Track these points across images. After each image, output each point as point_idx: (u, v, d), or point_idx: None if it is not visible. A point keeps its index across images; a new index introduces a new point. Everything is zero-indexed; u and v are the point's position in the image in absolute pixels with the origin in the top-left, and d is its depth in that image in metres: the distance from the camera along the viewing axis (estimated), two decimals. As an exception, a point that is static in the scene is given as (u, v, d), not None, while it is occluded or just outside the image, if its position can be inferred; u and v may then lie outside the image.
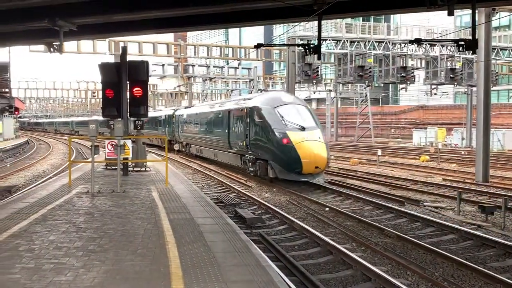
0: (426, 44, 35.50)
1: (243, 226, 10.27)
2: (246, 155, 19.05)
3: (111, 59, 31.95)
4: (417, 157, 29.72)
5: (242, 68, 42.02)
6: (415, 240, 9.36)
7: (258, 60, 39.08)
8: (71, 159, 13.11)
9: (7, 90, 44.77)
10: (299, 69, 30.64)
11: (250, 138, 18.19)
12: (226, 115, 21.70)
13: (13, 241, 6.33)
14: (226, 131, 21.37)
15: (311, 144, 16.31)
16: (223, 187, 17.21)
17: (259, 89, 42.19)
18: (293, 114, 17.25)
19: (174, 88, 64.03)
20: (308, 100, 67.52)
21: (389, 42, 35.68)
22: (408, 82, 36.04)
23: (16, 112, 48.37)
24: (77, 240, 6.38)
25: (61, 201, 9.76)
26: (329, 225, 11.05)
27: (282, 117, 17.03)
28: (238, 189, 16.18)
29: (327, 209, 12.93)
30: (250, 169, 18.90)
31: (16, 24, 12.87)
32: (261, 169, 17.71)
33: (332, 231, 10.47)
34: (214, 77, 44.05)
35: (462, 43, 10.88)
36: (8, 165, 25.64)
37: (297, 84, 33.98)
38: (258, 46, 14.24)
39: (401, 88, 42.16)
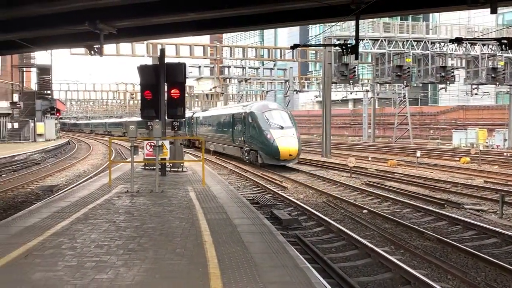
0: (466, 43, 34.57)
1: (279, 227, 10.25)
2: (244, 148, 25.49)
3: (149, 61, 32.57)
4: (457, 159, 28.97)
5: (278, 69, 41.99)
6: (455, 243, 9.12)
7: (294, 61, 38.95)
8: (112, 160, 13.39)
9: (49, 92, 46.19)
10: (335, 69, 30.39)
11: (246, 135, 24.46)
12: (230, 117, 28.00)
13: (56, 239, 6.53)
14: (231, 129, 27.67)
15: (287, 139, 22.78)
16: (259, 188, 17.25)
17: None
18: (276, 117, 23.67)
19: (210, 90, 64.69)
20: (345, 101, 67.00)
21: (428, 41, 34.93)
22: (448, 82, 35.19)
23: (57, 114, 49.81)
24: (118, 239, 6.52)
25: (102, 200, 10.00)
26: (367, 228, 10.90)
27: (268, 119, 23.45)
28: (274, 190, 16.19)
29: (365, 211, 12.76)
30: (246, 157, 25.34)
31: (58, 27, 13.27)
32: (253, 157, 24.44)
33: (370, 234, 10.33)
34: (250, 78, 44.21)
35: (505, 41, 10.52)
36: (49, 166, 26.48)
37: (334, 84, 33.72)
38: (294, 47, 14.19)
39: (441, 88, 41.21)
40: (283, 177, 20.21)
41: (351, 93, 56.66)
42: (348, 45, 12.10)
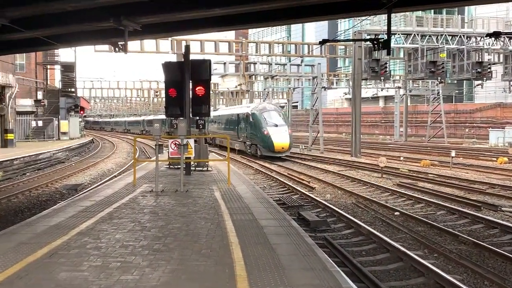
0: (504, 37, 33.73)
1: (307, 229, 10.22)
2: (247, 142, 31.18)
3: (173, 58, 32.85)
4: (494, 159, 28.33)
5: (305, 65, 41.81)
6: (493, 247, 8.93)
7: (322, 57, 38.69)
8: (136, 159, 13.59)
9: (73, 89, 47.12)
10: (365, 65, 30.10)
11: (248, 131, 30.43)
12: (236, 117, 34.16)
13: (80, 238, 6.66)
14: (236, 127, 33.79)
15: (280, 134, 29.03)
16: (286, 188, 17.24)
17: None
18: (272, 116, 30.08)
19: (235, 87, 64.85)
20: (375, 98, 66.33)
21: (463, 36, 34.24)
22: (485, 78, 34.44)
23: (81, 112, 50.74)
24: (143, 239, 6.61)
25: (126, 199, 10.16)
26: (398, 230, 10.77)
27: (265, 118, 29.81)
28: (301, 190, 16.15)
29: (396, 213, 12.62)
30: (249, 150, 31.05)
31: (82, 24, 13.50)
32: (253, 150, 30.33)
33: (402, 237, 10.20)
34: (276, 75, 44.14)
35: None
36: (73, 164, 27.02)
37: (364, 81, 33.39)
38: (323, 42, 14.12)
39: (477, 85, 40.36)
40: (311, 177, 20.16)
41: (382, 90, 56.07)
42: (380, 40, 11.97)
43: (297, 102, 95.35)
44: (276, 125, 29.23)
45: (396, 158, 29.39)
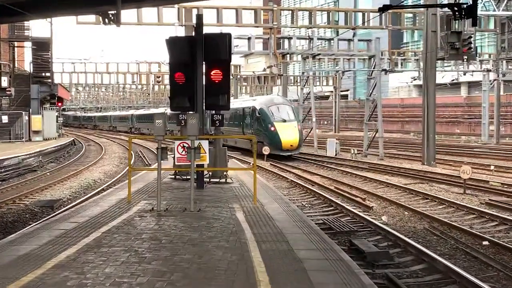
0: None
1: (362, 264, 10.14)
2: (246, 133, 35.56)
3: (181, 32, 33.15)
4: None
5: (359, 40, 41.53)
6: None
7: (382, 29, 38.40)
8: (131, 166, 13.73)
9: (48, 74, 47.67)
10: (442, 40, 29.72)
11: (254, 127, 34.51)
12: (241, 111, 38.32)
13: (59, 273, 6.75)
14: (241, 123, 38.16)
15: (289, 131, 33.51)
16: (332, 208, 17.18)
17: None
18: (279, 111, 34.42)
19: (263, 70, 65.00)
20: (456, 85, 65.46)
21: None
22: None
23: (59, 103, 51.49)
24: (141, 274, 6.67)
25: (119, 221, 10.26)
26: (488, 266, 10.62)
27: (272, 113, 34.47)
28: (354, 210, 16.06)
29: (485, 242, 12.44)
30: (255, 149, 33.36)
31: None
32: (259, 148, 32.04)
33: (494, 275, 10.05)
34: (319, 54, 43.97)
35: None
36: (48, 173, 27.48)
37: (439, 61, 33.03)
38: (383, 9, 14.01)
39: None
40: (367, 192, 20.04)
41: (464, 74, 55.25)
42: (462, 5, 11.81)
43: (347, 90, 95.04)
44: (285, 121, 34.14)
45: (484, 167, 28.96)
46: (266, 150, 33.64)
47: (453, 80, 57.89)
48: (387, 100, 75.65)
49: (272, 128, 33.62)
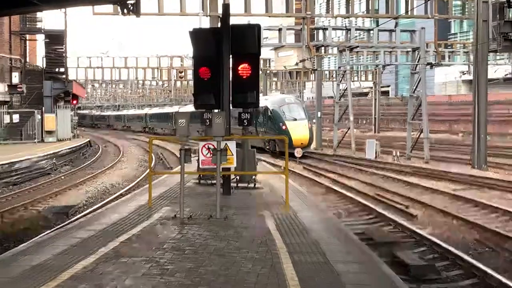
0: None
1: (406, 278, 10.08)
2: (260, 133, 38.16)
3: (206, 23, 33.23)
4: None
5: (401, 30, 41.21)
6: None
7: (428, 18, 38.09)
8: (152, 169, 13.84)
9: (62, 69, 48.10)
10: (494, 30, 29.37)
11: (266, 126, 37.97)
12: (253, 110, 39.00)
13: (75, 285, 6.84)
14: (255, 122, 38.00)
15: (299, 129, 37.72)
16: (372, 216, 17.09)
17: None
18: (290, 110, 38.65)
19: (296, 64, 64.94)
20: (510, 79, 64.52)
21: None
22: None
23: (74, 101, 51.92)
24: (163, 288, 6.72)
25: (139, 229, 10.34)
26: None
27: (284, 112, 38.86)
28: (396, 219, 15.94)
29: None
30: (267, 147, 39.62)
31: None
32: (272, 146, 38.65)
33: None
34: (357, 46, 43.75)
35: None
36: (62, 177, 27.79)
37: (491, 53, 32.64)
38: (429, -4, 13.90)
39: None
40: (411, 199, 19.87)
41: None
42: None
43: (388, 86, 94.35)
44: (295, 119, 38.62)
45: (542, 171, 28.54)
46: (298, 152, 33.62)
47: (507, 74, 57.16)
48: (432, 97, 74.90)
49: (284, 127, 37.82)
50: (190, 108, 73.12)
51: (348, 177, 26.83)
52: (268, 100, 41.98)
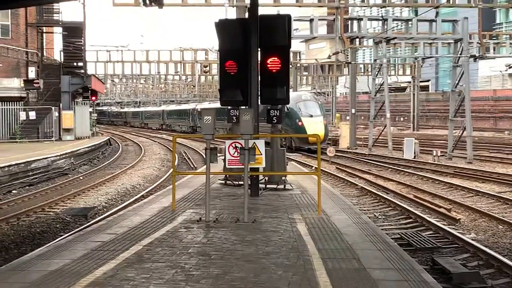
0: None
1: (448, 287, 10.03)
2: (282, 131, 37.31)
3: (232, 14, 33.29)
4: None
5: (442, 21, 40.89)
6: None
7: (471, 7, 37.76)
8: (175, 169, 13.90)
9: (81, 64, 48.44)
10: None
11: (283, 123, 38.31)
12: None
13: (96, 291, 6.90)
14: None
15: (315, 125, 40.04)
16: (411, 220, 17.02)
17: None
18: (307, 106, 41.45)
19: (328, 57, 64.77)
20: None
21: None
22: None
23: (93, 98, 52.28)
24: (188, 295, 6.76)
25: (162, 233, 10.41)
26: None
27: (300, 109, 41.67)
28: (437, 223, 15.85)
29: None
30: (283, 143, 38.53)
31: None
32: (288, 142, 40.62)
33: None
34: (395, 37, 43.55)
35: None
36: (81, 178, 28.04)
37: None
38: (472, -16, 13.78)
39: None
40: (453, 202, 19.75)
41: None
42: None
43: (428, 80, 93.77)
44: (311, 116, 41.40)
45: None
46: (331, 152, 33.59)
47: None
48: (476, 92, 74.27)
49: (300, 123, 40.75)
50: (206, 105, 75.25)
51: (384, 178, 26.72)
52: None
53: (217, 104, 78.59)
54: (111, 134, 69.76)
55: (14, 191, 23.29)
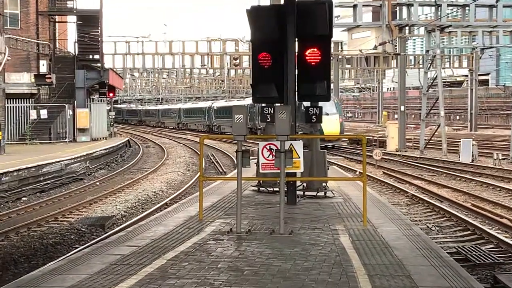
0: None
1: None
2: (298, 132, 40.34)
3: (265, 0, 33.34)
4: None
5: (504, 6, 40.63)
6: None
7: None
8: (203, 174, 13.93)
9: (97, 56, 48.69)
10: None
11: (298, 120, 41.64)
12: None
13: (115, 310, 6.94)
14: None
15: (331, 123, 44.28)
16: (469, 232, 16.93)
17: None
18: (322, 104, 39.81)
19: (373, 48, 64.48)
20: None
21: None
22: None
23: (111, 94, 52.52)
24: (218, 315, 6.77)
25: (188, 245, 10.42)
26: None
27: None
28: (499, 236, 15.72)
29: None
30: None
31: None
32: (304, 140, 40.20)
33: None
34: (449, 25, 43.30)
35: None
36: (97, 183, 28.23)
37: None
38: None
39: None
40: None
41: None
42: None
43: (487, 74, 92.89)
44: (327, 114, 42.38)
45: None
46: (377, 155, 33.46)
47: None
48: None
49: None
50: (223, 103, 77.38)
51: (438, 185, 26.55)
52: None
53: (234, 102, 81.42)
54: (132, 135, 70.20)
55: (24, 198, 23.55)
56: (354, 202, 15.72)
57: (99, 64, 48.02)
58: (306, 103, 47.71)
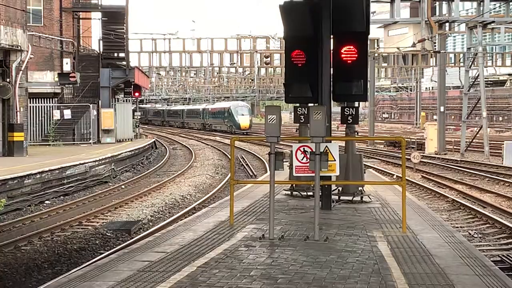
0: None
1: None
2: None
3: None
4: None
5: (550, 1, 40.19)
6: None
7: None
8: (234, 177, 13.92)
9: (122, 54, 48.91)
10: None
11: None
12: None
13: (144, 318, 6.96)
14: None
15: (244, 119, 77.20)
16: (514, 238, 16.80)
17: None
18: (239, 108, 75.23)
19: (413, 45, 64.13)
20: None
21: None
22: None
23: (136, 94, 52.73)
24: (251, 325, 6.76)
25: (219, 251, 10.42)
26: None
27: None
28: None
29: None
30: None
31: None
32: None
33: None
34: (492, 21, 42.98)
35: None
36: (123, 186, 28.36)
37: None
38: None
39: None
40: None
41: None
42: None
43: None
44: (243, 115, 49.38)
45: None
46: (416, 157, 33.29)
47: None
48: None
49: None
50: (221, 104, 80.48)
51: (480, 189, 26.36)
52: None
53: (225, 104, 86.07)
54: (159, 136, 70.47)
55: (47, 202, 23.72)
56: (392, 207, 15.63)
57: (124, 63, 48.23)
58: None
